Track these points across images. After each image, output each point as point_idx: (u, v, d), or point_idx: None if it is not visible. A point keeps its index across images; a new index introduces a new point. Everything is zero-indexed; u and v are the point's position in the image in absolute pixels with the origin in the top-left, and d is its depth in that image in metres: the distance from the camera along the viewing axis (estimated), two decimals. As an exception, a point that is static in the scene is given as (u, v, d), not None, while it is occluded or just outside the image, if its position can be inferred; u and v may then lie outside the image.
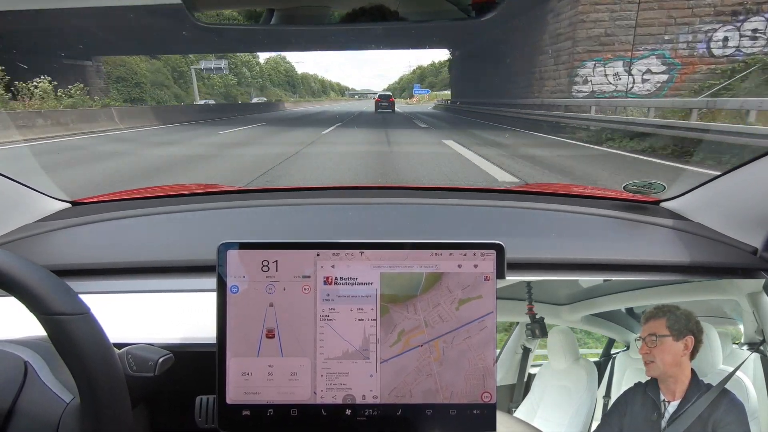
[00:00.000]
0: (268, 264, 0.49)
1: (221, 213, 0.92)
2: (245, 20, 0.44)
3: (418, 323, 0.49)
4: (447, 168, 5.91)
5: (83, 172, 5.85)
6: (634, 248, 0.76)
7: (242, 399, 0.48)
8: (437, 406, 0.49)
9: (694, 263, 0.71)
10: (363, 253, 0.49)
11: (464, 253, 0.49)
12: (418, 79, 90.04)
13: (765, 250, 0.69)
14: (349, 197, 1.02)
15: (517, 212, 0.92)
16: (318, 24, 0.49)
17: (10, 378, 0.44)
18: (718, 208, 0.80)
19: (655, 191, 0.88)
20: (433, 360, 0.49)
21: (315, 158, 6.87)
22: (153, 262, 0.73)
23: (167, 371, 0.50)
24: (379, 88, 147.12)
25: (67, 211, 0.90)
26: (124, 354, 0.49)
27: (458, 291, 0.49)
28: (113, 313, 0.64)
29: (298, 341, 0.49)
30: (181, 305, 0.66)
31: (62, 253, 0.76)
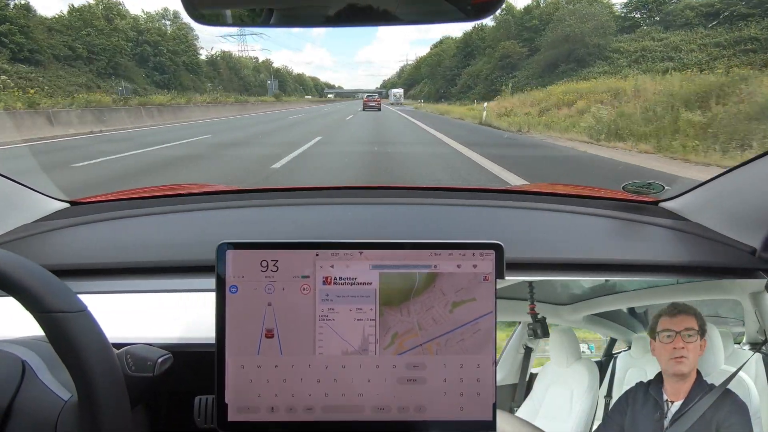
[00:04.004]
0: (267, 264, 0.48)
1: (220, 213, 0.92)
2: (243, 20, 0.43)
3: (411, 326, 0.48)
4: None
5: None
6: (633, 248, 0.76)
7: (241, 399, 0.48)
8: (432, 410, 0.49)
9: (693, 263, 0.70)
10: (362, 253, 0.49)
11: (463, 253, 0.49)
12: (420, 78, 70.69)
13: (764, 251, 0.68)
14: (349, 197, 1.02)
15: (516, 212, 0.92)
16: (314, 24, 0.48)
17: (8, 377, 0.44)
18: (716, 209, 0.80)
19: (654, 191, 0.88)
20: (426, 362, 0.49)
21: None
22: (152, 262, 0.73)
23: (166, 371, 0.50)
24: (372, 86, 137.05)
25: (66, 211, 0.90)
26: (123, 354, 0.49)
27: (452, 294, 0.49)
28: (112, 313, 0.63)
29: (298, 341, 0.48)
30: (180, 305, 0.66)
31: (61, 253, 0.76)
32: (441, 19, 0.52)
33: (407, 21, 0.51)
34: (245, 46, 77.15)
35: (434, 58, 57.57)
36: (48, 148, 8.12)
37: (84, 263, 0.72)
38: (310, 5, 0.52)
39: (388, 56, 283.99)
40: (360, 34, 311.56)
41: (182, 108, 18.86)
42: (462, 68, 46.61)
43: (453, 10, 0.49)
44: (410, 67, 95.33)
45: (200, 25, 0.52)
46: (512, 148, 8.88)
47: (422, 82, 68.95)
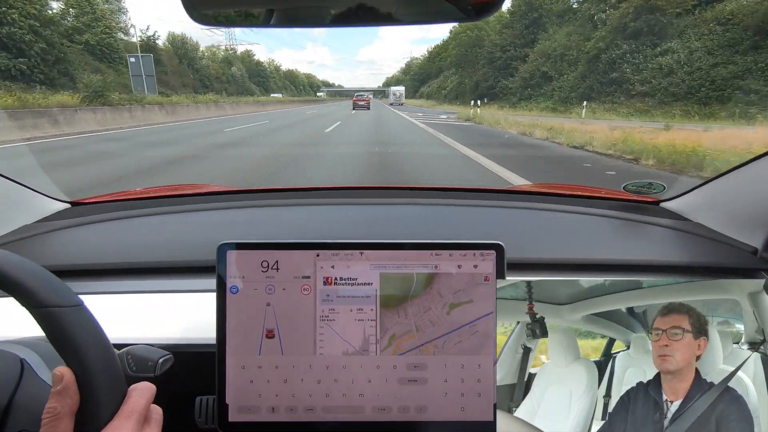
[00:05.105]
0: (268, 264, 0.49)
1: (221, 213, 0.92)
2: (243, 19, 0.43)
3: (408, 328, 0.49)
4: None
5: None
6: (634, 248, 0.76)
7: (242, 399, 0.48)
8: (433, 410, 0.49)
9: (694, 263, 0.71)
10: (363, 254, 0.49)
11: (464, 253, 0.49)
12: (437, 71, 56.15)
13: (765, 251, 0.69)
14: (349, 197, 1.02)
15: (517, 212, 0.92)
16: (314, 24, 0.48)
17: (7, 374, 0.45)
18: (717, 209, 0.80)
19: (654, 191, 0.88)
20: (426, 363, 0.49)
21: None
22: (153, 262, 0.73)
23: (167, 372, 0.50)
24: (374, 85, 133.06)
25: (67, 212, 0.90)
26: (124, 354, 0.49)
27: (449, 296, 0.49)
28: (113, 313, 0.63)
29: (298, 341, 0.49)
30: (181, 306, 0.66)
31: (62, 254, 0.76)
32: (441, 19, 0.52)
33: (406, 21, 0.51)
34: (234, 41, 68.37)
35: (469, 35, 35.80)
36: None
37: (85, 264, 0.72)
38: (310, 5, 0.52)
39: (389, 55, 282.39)
40: (362, 33, 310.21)
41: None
42: (524, 47, 28.53)
43: (453, 10, 0.48)
44: (421, 61, 79.58)
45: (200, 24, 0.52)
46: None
47: (440, 75, 50.42)
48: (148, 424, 0.39)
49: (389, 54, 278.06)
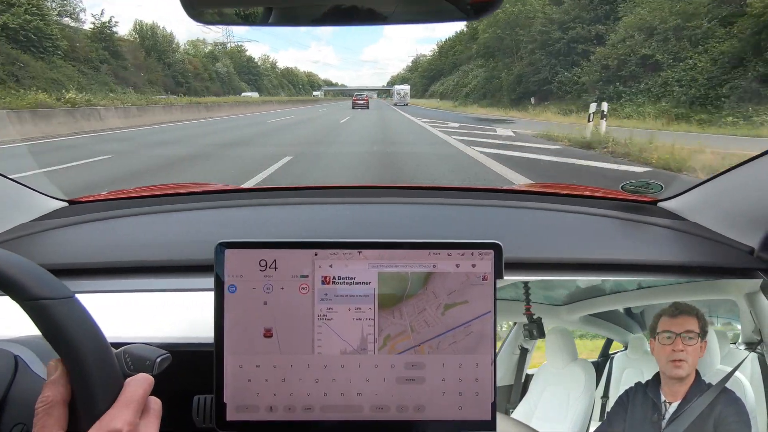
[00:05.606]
0: (266, 263, 0.48)
1: (219, 212, 0.92)
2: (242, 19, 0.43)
3: (403, 328, 0.49)
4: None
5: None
6: (632, 248, 0.76)
7: (240, 398, 0.48)
8: (431, 409, 0.49)
9: (692, 263, 0.71)
10: (361, 253, 0.49)
11: (462, 253, 0.49)
12: (450, 67, 47.55)
13: (762, 250, 0.69)
14: (348, 197, 1.01)
15: (515, 212, 0.92)
16: (313, 23, 0.48)
17: (1, 371, 0.45)
18: (715, 208, 0.80)
19: (652, 191, 0.89)
20: (424, 362, 0.49)
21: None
22: (150, 261, 0.72)
23: (164, 371, 0.50)
24: (378, 84, 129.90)
25: (64, 210, 0.90)
26: (122, 353, 0.49)
27: (444, 296, 0.49)
28: (110, 312, 0.63)
29: (296, 341, 0.49)
30: (179, 304, 0.66)
31: (59, 253, 0.76)
32: (440, 19, 0.52)
33: (404, 20, 0.51)
34: (232, 38, 63.73)
35: (508, 12, 23.73)
36: None
37: (82, 262, 0.72)
38: (310, 4, 0.52)
39: (393, 54, 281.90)
40: (367, 32, 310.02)
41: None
42: (596, 22, 18.26)
43: (452, 9, 0.49)
44: (430, 57, 69.81)
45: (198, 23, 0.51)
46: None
47: (457, 71, 39.87)
48: (146, 414, 0.39)
49: (393, 53, 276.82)
